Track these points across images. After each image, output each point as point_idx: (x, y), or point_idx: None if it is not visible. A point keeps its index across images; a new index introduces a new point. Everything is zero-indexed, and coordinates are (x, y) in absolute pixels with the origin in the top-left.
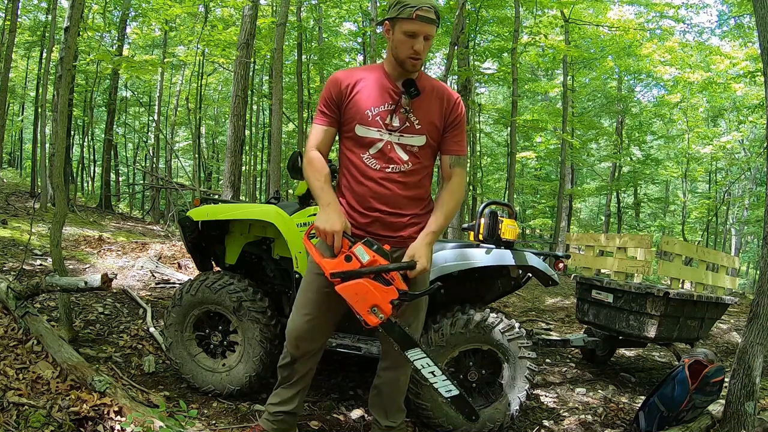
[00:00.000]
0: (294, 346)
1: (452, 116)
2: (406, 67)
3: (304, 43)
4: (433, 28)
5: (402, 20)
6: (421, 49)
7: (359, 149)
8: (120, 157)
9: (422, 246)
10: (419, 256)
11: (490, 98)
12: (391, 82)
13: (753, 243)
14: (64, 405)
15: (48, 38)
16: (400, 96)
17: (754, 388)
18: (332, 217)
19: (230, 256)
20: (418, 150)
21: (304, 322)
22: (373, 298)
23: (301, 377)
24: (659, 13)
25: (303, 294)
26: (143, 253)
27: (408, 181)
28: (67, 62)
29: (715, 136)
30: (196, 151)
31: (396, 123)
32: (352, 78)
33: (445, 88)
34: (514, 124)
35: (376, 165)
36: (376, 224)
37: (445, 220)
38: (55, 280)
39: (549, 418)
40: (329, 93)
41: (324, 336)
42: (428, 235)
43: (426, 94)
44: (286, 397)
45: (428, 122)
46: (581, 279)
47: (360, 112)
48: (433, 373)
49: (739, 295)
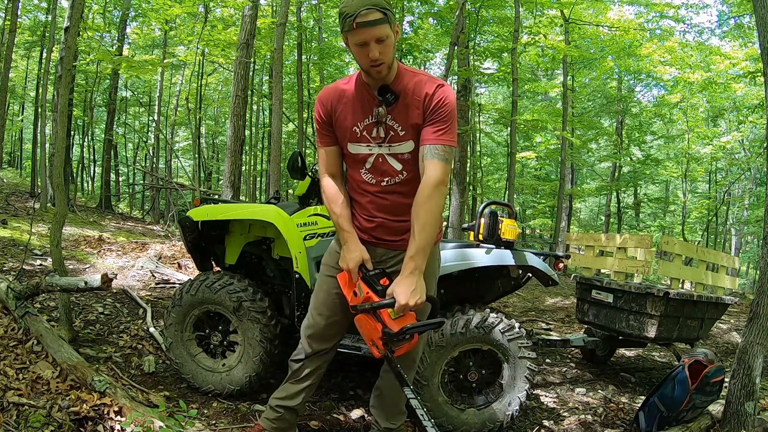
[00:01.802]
0: (307, 344)
1: (429, 108)
2: (372, 76)
3: (304, 43)
4: (381, 28)
5: (348, 32)
6: (377, 54)
7: (356, 165)
8: (120, 157)
9: (402, 279)
10: (398, 292)
11: (490, 98)
12: (369, 92)
13: (753, 243)
14: (64, 405)
15: (48, 38)
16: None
17: (754, 388)
18: (348, 255)
19: (230, 256)
20: (409, 156)
21: (316, 321)
22: (369, 332)
23: (309, 373)
24: (659, 13)
25: (315, 294)
26: (143, 253)
27: (406, 191)
28: (67, 62)
29: (715, 136)
30: (196, 151)
31: (381, 134)
32: (335, 95)
33: (424, 82)
34: (514, 124)
35: (372, 180)
36: (379, 229)
37: (419, 242)
38: (55, 280)
39: (549, 418)
40: (319, 115)
41: (336, 336)
42: (407, 265)
43: (404, 96)
44: (292, 392)
45: (409, 125)
46: (581, 279)
47: (348, 130)
48: (423, 416)
49: (739, 295)
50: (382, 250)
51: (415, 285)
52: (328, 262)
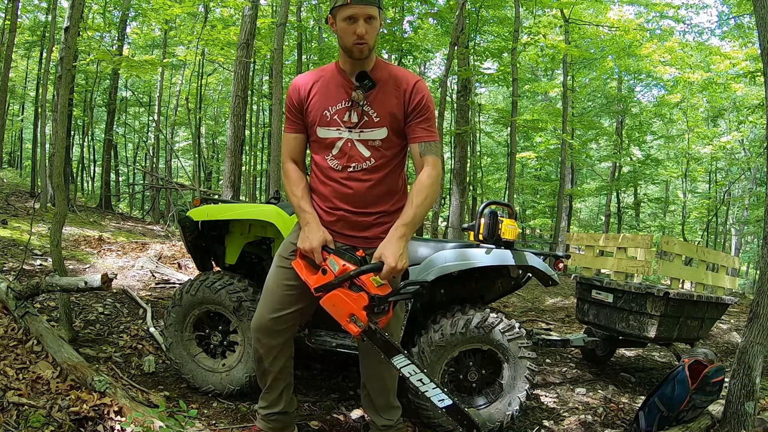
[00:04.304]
0: (256, 340)
1: (413, 103)
2: (354, 55)
3: (304, 43)
4: (373, 8)
5: (340, 8)
6: (364, 32)
7: (322, 151)
8: (120, 157)
9: (391, 242)
10: (387, 254)
11: (490, 98)
12: (346, 77)
13: (753, 243)
14: (64, 405)
15: (48, 38)
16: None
17: (754, 388)
18: (310, 235)
19: (230, 256)
20: (380, 144)
21: (264, 314)
22: (347, 307)
23: (276, 376)
24: (659, 13)
25: (266, 287)
26: (143, 253)
27: (372, 178)
28: (67, 62)
29: (715, 136)
30: (196, 151)
31: (354, 119)
32: (309, 81)
33: (404, 74)
34: (514, 124)
35: (338, 165)
36: (340, 223)
37: (415, 211)
38: (55, 280)
39: (549, 418)
40: (290, 100)
41: (287, 331)
42: (398, 229)
43: (382, 85)
44: (271, 400)
45: (386, 113)
46: (581, 279)
47: (319, 114)
48: (421, 380)
49: (739, 295)
50: (340, 245)
51: (403, 250)
52: (282, 253)
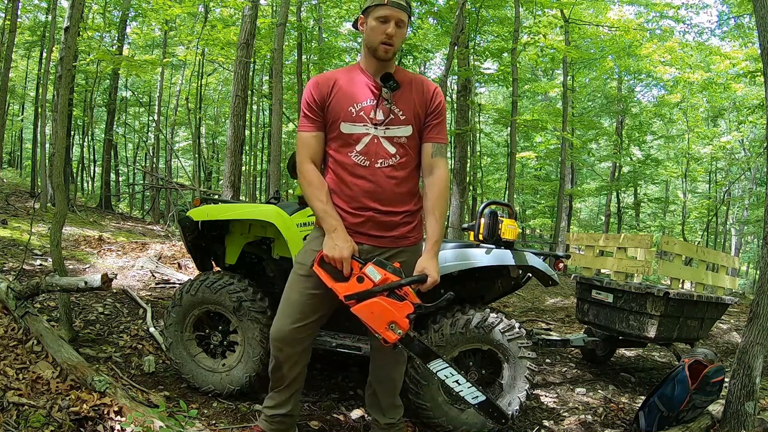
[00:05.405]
0: (277, 349)
1: (433, 105)
2: (379, 55)
3: (304, 43)
4: (404, 15)
5: (374, 7)
6: (393, 33)
7: (346, 148)
8: (120, 157)
9: (431, 258)
10: (430, 269)
11: (490, 98)
12: (369, 77)
13: (753, 243)
14: (64, 405)
15: (48, 38)
16: (380, 89)
17: (754, 388)
18: (340, 243)
19: (230, 256)
20: (405, 141)
21: (286, 324)
22: (389, 315)
23: (292, 381)
24: (659, 13)
25: (286, 296)
26: (143, 253)
27: (399, 175)
28: (67, 62)
29: (715, 136)
30: (196, 151)
31: (380, 116)
32: (332, 79)
33: (424, 79)
34: (514, 124)
35: (365, 161)
36: (368, 224)
37: (441, 225)
38: (55, 280)
39: (549, 418)
40: (311, 96)
41: (308, 339)
42: (434, 246)
43: (405, 86)
44: (281, 401)
45: (412, 112)
46: (581, 279)
47: (344, 110)
48: (457, 381)
49: (739, 295)
50: (367, 247)
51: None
52: (304, 261)
